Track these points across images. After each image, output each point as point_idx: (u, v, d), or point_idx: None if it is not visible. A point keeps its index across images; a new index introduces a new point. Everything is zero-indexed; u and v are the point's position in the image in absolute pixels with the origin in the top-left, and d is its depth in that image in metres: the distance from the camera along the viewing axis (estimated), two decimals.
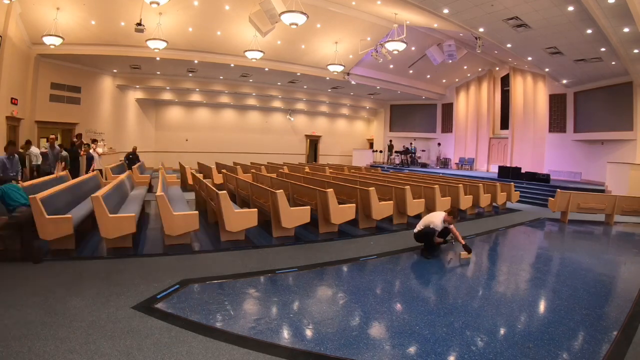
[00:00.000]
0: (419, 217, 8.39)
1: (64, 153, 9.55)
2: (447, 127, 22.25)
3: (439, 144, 22.01)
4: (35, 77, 12.69)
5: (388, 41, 12.96)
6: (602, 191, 11.50)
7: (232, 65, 15.38)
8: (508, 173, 14.58)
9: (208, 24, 12.90)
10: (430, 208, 8.33)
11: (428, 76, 19.85)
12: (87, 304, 3.45)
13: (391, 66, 17.26)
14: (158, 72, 17.06)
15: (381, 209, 7.14)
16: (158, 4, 9.42)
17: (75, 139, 11.63)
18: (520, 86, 18.09)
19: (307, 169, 14.01)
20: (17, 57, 11.41)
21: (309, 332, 3.17)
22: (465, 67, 18.85)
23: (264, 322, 3.26)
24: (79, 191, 6.64)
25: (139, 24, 10.59)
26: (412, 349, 2.91)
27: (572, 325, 3.41)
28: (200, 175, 10.53)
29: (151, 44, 11.62)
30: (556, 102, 16.49)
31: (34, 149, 9.24)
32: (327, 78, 17.50)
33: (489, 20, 11.35)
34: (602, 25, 9.49)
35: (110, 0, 10.95)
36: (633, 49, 10.30)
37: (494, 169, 18.35)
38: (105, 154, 13.85)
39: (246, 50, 13.20)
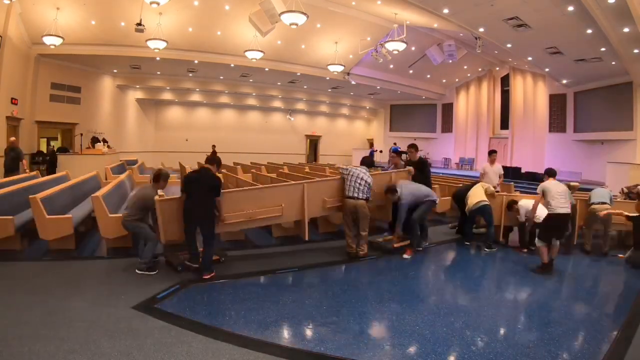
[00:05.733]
0: None
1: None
2: (447, 127, 22.24)
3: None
4: (35, 77, 12.67)
5: (388, 41, 12.96)
6: None
7: (232, 65, 15.37)
8: (508, 173, 14.54)
9: (208, 24, 12.89)
10: None
11: (428, 76, 19.84)
12: (87, 304, 3.45)
13: (391, 66, 17.25)
14: (158, 72, 17.05)
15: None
16: (158, 4, 9.42)
17: None
18: (520, 86, 18.08)
19: (307, 169, 13.99)
20: (17, 57, 11.41)
21: (309, 332, 3.17)
22: (465, 67, 18.84)
23: (264, 322, 3.25)
24: (79, 191, 6.64)
25: (139, 24, 10.59)
26: (412, 349, 2.91)
27: (572, 325, 3.42)
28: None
29: (151, 44, 11.61)
30: (556, 102, 16.48)
31: None
32: (327, 78, 17.48)
33: (489, 20, 11.34)
34: (602, 25, 9.49)
35: (110, 0, 10.95)
36: (633, 49, 10.29)
37: None
38: (106, 153, 13.84)
39: (246, 50, 13.20)
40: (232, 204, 4.67)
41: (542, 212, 5.20)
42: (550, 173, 5.40)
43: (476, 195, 5.97)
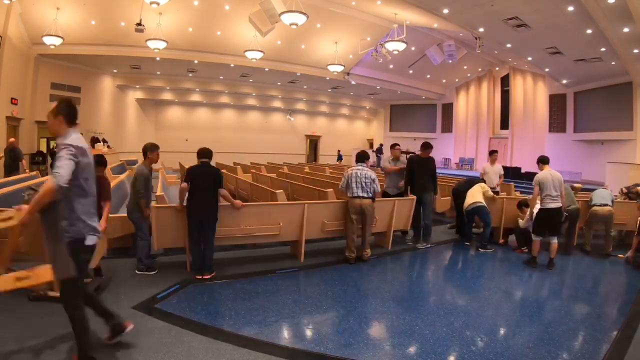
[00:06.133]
0: None
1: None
2: (447, 127, 22.25)
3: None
4: (35, 77, 12.68)
5: (388, 41, 12.97)
6: None
7: (232, 65, 15.38)
8: (508, 173, 14.57)
9: (208, 24, 12.89)
10: None
11: (428, 76, 19.84)
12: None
13: (391, 66, 17.26)
14: (158, 72, 17.06)
15: None
16: (158, 4, 9.43)
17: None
18: (520, 86, 18.09)
19: (307, 169, 14.00)
20: (17, 57, 11.41)
21: (309, 332, 3.17)
22: (465, 67, 18.85)
23: (264, 322, 3.26)
24: None
25: (139, 24, 10.59)
26: (412, 349, 2.91)
27: (572, 325, 3.42)
28: None
29: (151, 44, 11.62)
30: (556, 102, 16.48)
31: None
32: (327, 78, 17.49)
33: (489, 20, 11.35)
34: (602, 25, 9.49)
35: (110, 0, 10.95)
36: (633, 49, 10.30)
37: None
38: (106, 153, 13.85)
39: (246, 50, 13.20)
40: (231, 218, 4.58)
41: (535, 208, 5.30)
42: (545, 160, 5.23)
43: (473, 196, 5.99)
